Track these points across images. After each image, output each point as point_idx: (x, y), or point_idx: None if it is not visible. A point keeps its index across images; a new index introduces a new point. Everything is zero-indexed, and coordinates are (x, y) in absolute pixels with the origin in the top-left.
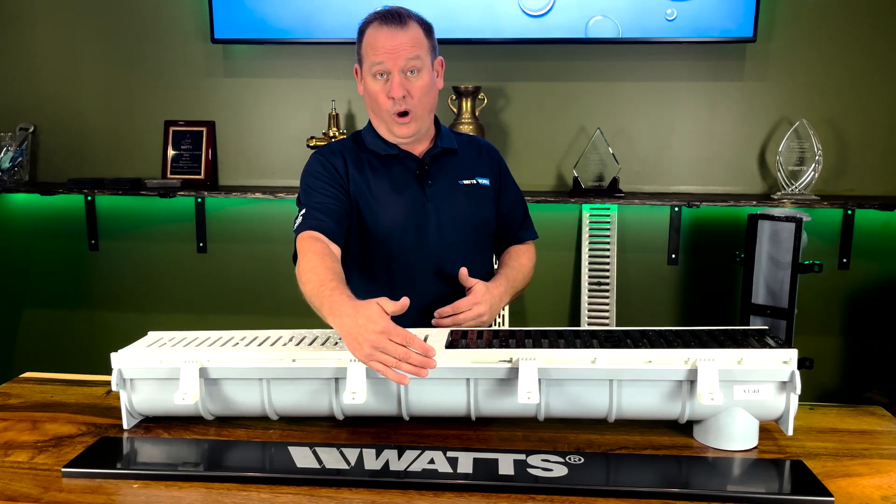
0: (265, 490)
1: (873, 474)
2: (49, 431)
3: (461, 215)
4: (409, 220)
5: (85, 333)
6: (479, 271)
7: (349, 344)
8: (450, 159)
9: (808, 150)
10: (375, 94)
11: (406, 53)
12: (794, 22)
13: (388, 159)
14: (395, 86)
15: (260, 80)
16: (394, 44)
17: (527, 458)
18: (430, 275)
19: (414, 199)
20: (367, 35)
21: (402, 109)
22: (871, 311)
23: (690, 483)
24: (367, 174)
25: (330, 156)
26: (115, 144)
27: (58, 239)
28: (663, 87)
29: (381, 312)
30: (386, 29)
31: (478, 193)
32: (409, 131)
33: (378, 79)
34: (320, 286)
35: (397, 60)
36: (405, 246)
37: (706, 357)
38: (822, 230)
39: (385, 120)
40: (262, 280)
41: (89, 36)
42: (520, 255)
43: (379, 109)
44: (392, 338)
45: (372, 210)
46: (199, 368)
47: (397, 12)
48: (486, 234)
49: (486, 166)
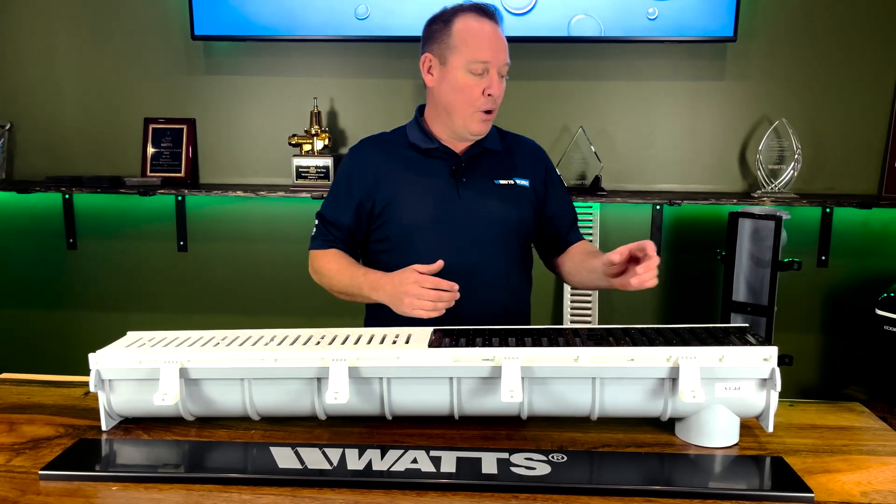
0: (246, 491)
1: (853, 470)
2: (26, 433)
3: (492, 214)
4: (438, 216)
5: (63, 334)
6: (511, 271)
7: (393, 306)
8: (490, 158)
9: (787, 148)
10: (469, 88)
11: (505, 57)
12: (774, 22)
13: (427, 153)
14: (496, 84)
15: (241, 77)
16: (499, 44)
17: (510, 457)
18: (458, 271)
19: (445, 195)
20: (465, 25)
21: (491, 108)
22: (849, 308)
23: (673, 480)
24: (403, 168)
25: (363, 152)
26: (94, 142)
27: (35, 238)
28: (645, 86)
29: (412, 271)
30: (488, 24)
31: (513, 194)
32: (487, 129)
33: (474, 74)
34: (352, 277)
35: (499, 60)
36: (433, 241)
37: (688, 355)
38: (802, 228)
39: (466, 115)
40: (243, 279)
41: (67, 31)
42: (579, 249)
43: (464, 103)
44: (423, 284)
45: (402, 204)
46: (180, 369)
47: (493, 8)
48: (520, 234)
49: (529, 168)
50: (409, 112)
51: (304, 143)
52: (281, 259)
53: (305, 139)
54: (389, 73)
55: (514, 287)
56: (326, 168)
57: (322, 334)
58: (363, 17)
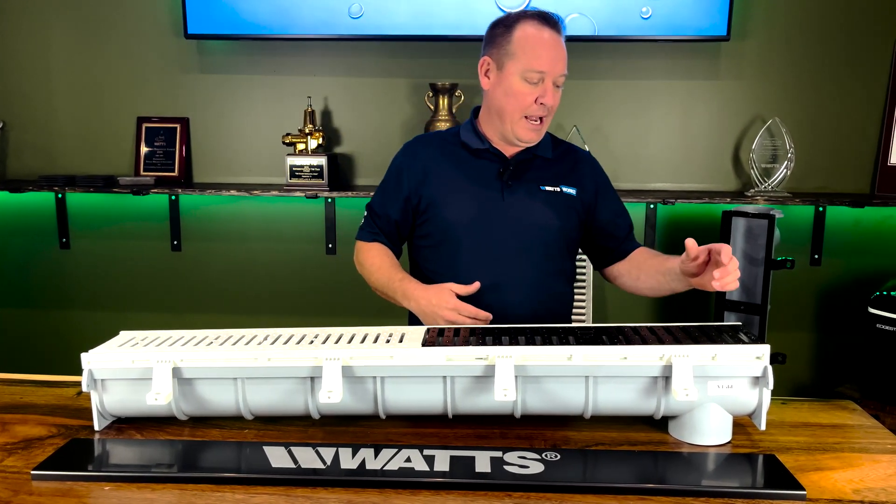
0: (240, 490)
1: (845, 468)
2: (19, 433)
3: (534, 220)
4: (481, 217)
5: (56, 333)
6: (550, 276)
7: (424, 320)
8: (539, 164)
9: (780, 147)
10: (522, 95)
11: (563, 68)
12: (767, 21)
13: (477, 154)
14: (549, 93)
15: (235, 75)
16: (557, 54)
17: (503, 456)
18: (496, 272)
19: (489, 197)
20: (525, 32)
21: (541, 115)
22: (842, 306)
23: (666, 478)
24: (452, 166)
25: (415, 147)
26: (87, 141)
27: (28, 237)
28: (639, 85)
29: (451, 293)
30: (548, 34)
31: (558, 201)
32: (538, 137)
33: (529, 82)
34: (389, 279)
35: (556, 70)
36: (474, 241)
37: (680, 353)
38: (795, 227)
39: (515, 121)
40: (237, 278)
41: (60, 30)
42: (646, 254)
43: (515, 109)
44: (462, 312)
45: (447, 202)
46: (173, 368)
47: (555, 17)
48: (562, 241)
49: (578, 177)
50: (403, 111)
51: (298, 142)
52: (275, 258)
53: (299, 138)
54: (383, 72)
55: (552, 293)
56: (320, 167)
57: (315, 333)
58: (357, 16)
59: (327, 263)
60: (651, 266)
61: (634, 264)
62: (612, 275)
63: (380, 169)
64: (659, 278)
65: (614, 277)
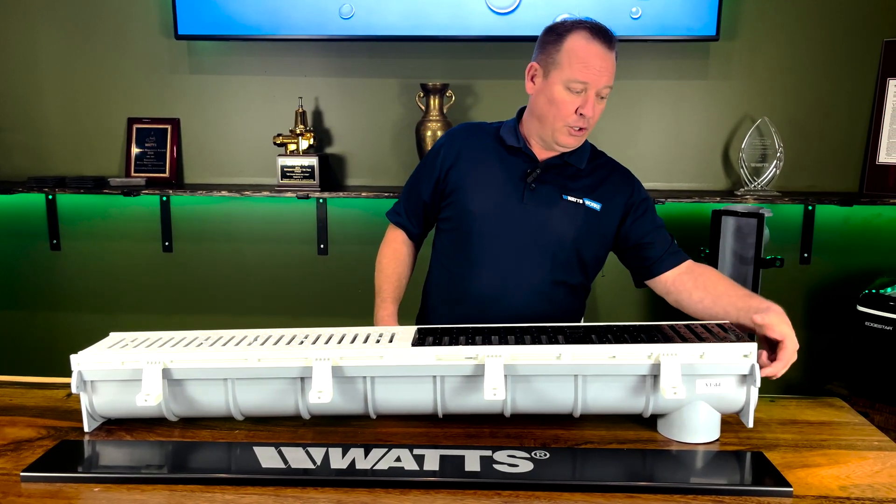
0: (230, 491)
1: (831, 465)
2: (8, 435)
3: (548, 226)
4: (497, 213)
5: (46, 335)
6: (557, 285)
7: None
8: (569, 173)
9: (769, 147)
10: (563, 104)
11: (607, 80)
12: (756, 21)
13: (510, 151)
14: (590, 105)
15: (225, 76)
16: (602, 66)
17: (493, 455)
18: (502, 270)
19: (510, 195)
20: (574, 44)
21: (582, 126)
22: (831, 304)
23: (654, 476)
24: (483, 158)
25: (457, 133)
26: (77, 142)
27: (18, 239)
28: (629, 84)
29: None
30: (597, 46)
31: (577, 213)
32: (577, 144)
33: (572, 91)
34: (377, 290)
35: (600, 83)
36: (488, 235)
37: (669, 352)
38: (784, 226)
39: (557, 128)
40: (228, 280)
41: (50, 31)
42: (718, 278)
43: (557, 117)
44: None
45: (469, 191)
46: (163, 369)
47: (608, 30)
48: (574, 254)
49: (608, 193)
50: (395, 111)
51: (289, 142)
52: (266, 259)
53: (290, 139)
54: (374, 73)
55: (556, 303)
56: (312, 167)
57: (306, 334)
58: (348, 17)
59: (319, 264)
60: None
61: (699, 286)
62: (662, 291)
63: (371, 169)
64: (729, 310)
65: (667, 293)
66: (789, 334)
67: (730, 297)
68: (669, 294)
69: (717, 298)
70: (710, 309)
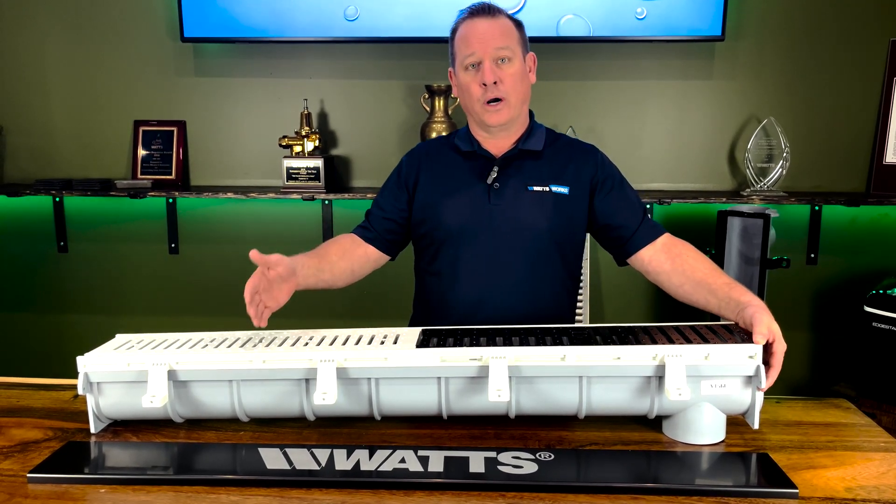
0: (235, 492)
1: (837, 466)
2: (15, 437)
3: (521, 222)
4: (469, 222)
5: (53, 337)
6: (545, 279)
7: None
8: (529, 163)
9: (775, 147)
10: (468, 85)
11: (496, 42)
12: (761, 21)
13: (466, 156)
14: (487, 71)
15: (231, 79)
16: (485, 32)
17: (497, 456)
18: (488, 275)
19: (476, 199)
20: (458, 31)
21: (494, 96)
22: (838, 305)
23: (659, 477)
24: (444, 170)
25: (410, 160)
26: (84, 145)
27: (26, 241)
28: (634, 85)
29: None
30: (476, 20)
31: (546, 201)
32: (502, 118)
33: (470, 70)
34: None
35: (487, 49)
36: (466, 245)
37: (673, 353)
38: (790, 226)
39: (477, 111)
40: (234, 281)
41: (56, 34)
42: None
43: (471, 100)
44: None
45: (438, 207)
46: (168, 371)
47: (487, 6)
48: (552, 243)
49: (572, 174)
50: (400, 113)
51: (295, 144)
52: None
53: (296, 140)
54: (379, 74)
55: (544, 295)
56: (317, 169)
57: (310, 335)
58: (353, 19)
59: None
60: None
61: (679, 272)
62: (641, 270)
63: (376, 171)
64: (710, 299)
65: (647, 273)
66: (779, 335)
67: (710, 287)
68: (648, 273)
69: (696, 285)
70: (691, 296)
